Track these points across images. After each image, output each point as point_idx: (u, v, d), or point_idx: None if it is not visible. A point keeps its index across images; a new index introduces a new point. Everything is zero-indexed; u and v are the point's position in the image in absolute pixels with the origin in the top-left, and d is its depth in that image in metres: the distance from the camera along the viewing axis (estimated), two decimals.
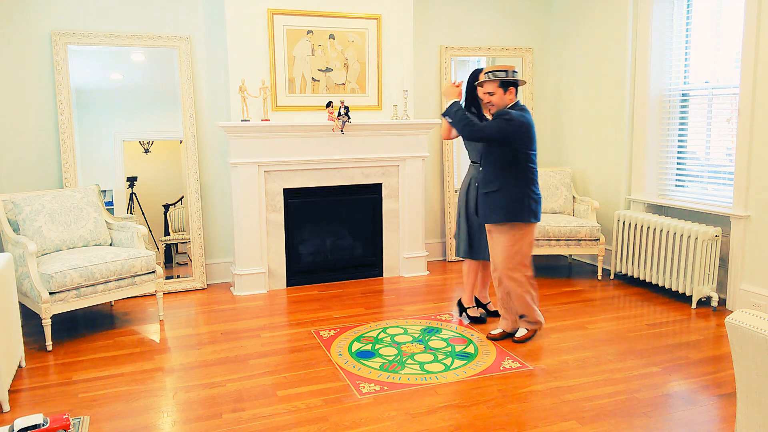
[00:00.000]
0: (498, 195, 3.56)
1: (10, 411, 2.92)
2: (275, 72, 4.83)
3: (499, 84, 3.51)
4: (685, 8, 4.75)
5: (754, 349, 1.79)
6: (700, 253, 4.28)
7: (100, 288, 3.89)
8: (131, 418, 2.87)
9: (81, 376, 3.32)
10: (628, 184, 5.20)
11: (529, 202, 3.55)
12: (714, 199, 4.55)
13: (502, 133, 3.45)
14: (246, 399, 3.04)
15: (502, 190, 3.55)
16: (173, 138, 4.98)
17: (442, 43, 5.66)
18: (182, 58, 4.76)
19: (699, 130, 4.72)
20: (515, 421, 2.79)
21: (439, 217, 5.84)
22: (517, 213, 3.54)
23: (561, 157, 5.97)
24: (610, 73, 5.26)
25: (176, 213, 5.05)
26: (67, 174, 4.52)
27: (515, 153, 3.50)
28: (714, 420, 2.81)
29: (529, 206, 3.55)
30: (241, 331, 4.01)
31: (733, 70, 4.38)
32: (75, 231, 4.17)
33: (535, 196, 3.58)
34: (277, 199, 4.89)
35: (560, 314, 4.26)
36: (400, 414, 2.86)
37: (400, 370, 3.35)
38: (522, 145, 3.50)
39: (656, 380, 3.21)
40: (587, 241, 5.03)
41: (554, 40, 5.93)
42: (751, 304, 4.12)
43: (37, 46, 4.45)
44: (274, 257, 4.94)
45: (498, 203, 3.56)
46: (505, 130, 3.45)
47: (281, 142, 4.80)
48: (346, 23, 4.98)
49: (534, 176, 3.59)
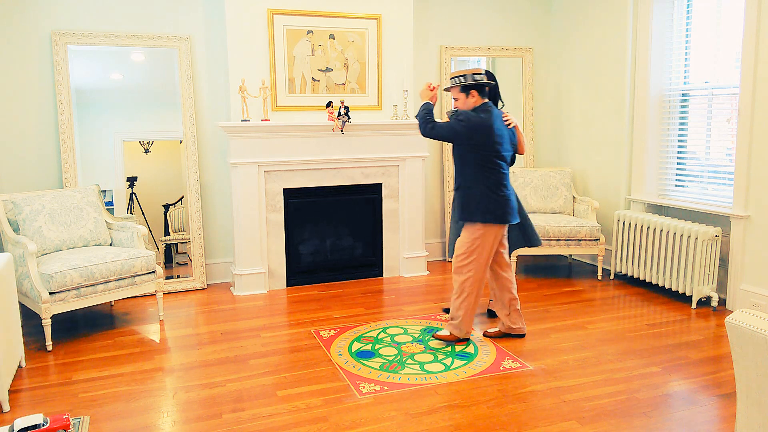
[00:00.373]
0: (457, 193, 3.61)
1: (10, 411, 2.92)
2: (275, 72, 4.83)
3: (461, 89, 3.54)
4: (685, 8, 4.75)
5: (754, 349, 1.79)
6: (700, 253, 4.28)
7: (100, 288, 3.89)
8: (131, 418, 2.87)
9: (81, 376, 3.32)
10: (628, 184, 5.20)
11: (487, 203, 3.48)
12: (714, 199, 4.55)
13: (452, 132, 3.48)
14: (246, 399, 3.04)
15: (460, 189, 3.57)
16: (173, 138, 4.98)
17: (442, 43, 5.66)
18: (182, 58, 4.76)
19: (699, 130, 4.72)
20: (515, 421, 2.79)
21: (439, 217, 5.84)
22: (470, 212, 3.52)
23: (561, 157, 5.97)
24: (610, 73, 5.26)
25: (176, 213, 5.05)
26: (67, 174, 4.52)
27: (475, 153, 3.47)
28: (714, 420, 2.81)
29: (486, 207, 3.48)
30: (241, 331, 4.01)
31: (733, 70, 4.38)
32: (75, 231, 4.17)
33: (496, 197, 3.49)
34: (277, 199, 4.89)
35: (560, 314, 4.26)
36: (400, 414, 2.86)
37: (400, 370, 3.35)
38: (481, 146, 3.45)
39: (656, 380, 3.21)
40: (587, 241, 5.03)
41: (554, 40, 5.93)
42: (751, 304, 4.12)
43: (37, 46, 4.45)
44: (274, 257, 4.94)
45: (457, 201, 3.60)
46: (454, 129, 3.47)
47: (281, 142, 4.80)
48: (346, 23, 4.98)
49: (498, 177, 3.50)
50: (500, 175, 3.52)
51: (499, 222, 3.53)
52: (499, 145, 3.48)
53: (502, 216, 3.52)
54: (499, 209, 3.51)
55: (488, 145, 3.45)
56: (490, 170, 3.49)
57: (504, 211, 3.52)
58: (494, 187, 3.50)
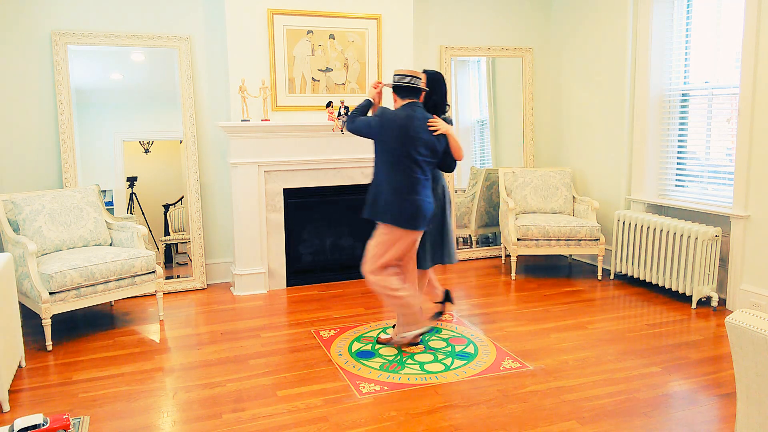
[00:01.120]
0: (369, 189, 3.51)
1: (10, 411, 2.92)
2: (275, 72, 4.83)
3: (392, 90, 3.51)
4: (685, 8, 4.74)
5: (754, 349, 1.79)
6: (700, 253, 4.28)
7: (100, 288, 3.89)
8: (131, 418, 2.87)
9: (81, 376, 3.32)
10: (628, 184, 5.20)
11: (393, 205, 3.35)
12: (714, 199, 4.55)
13: (367, 126, 3.45)
14: (246, 399, 3.04)
15: (371, 186, 3.49)
16: (173, 138, 4.98)
17: (442, 43, 5.66)
18: (182, 58, 4.76)
19: (699, 130, 4.72)
20: (515, 421, 2.79)
21: None
22: (377, 212, 3.43)
23: (561, 157, 5.97)
24: (610, 73, 5.26)
25: (176, 213, 5.05)
26: (67, 174, 4.52)
27: (387, 152, 3.39)
28: (714, 420, 2.81)
29: (392, 209, 3.36)
30: (241, 331, 4.01)
31: (733, 70, 4.38)
32: (75, 231, 4.17)
33: (401, 200, 3.35)
34: (277, 199, 4.89)
35: (560, 314, 4.26)
36: (400, 414, 2.86)
37: (400, 370, 3.35)
38: (392, 145, 3.36)
39: (656, 380, 3.21)
40: (587, 241, 5.03)
41: (554, 40, 5.93)
42: (751, 304, 4.12)
43: (37, 46, 4.45)
44: (274, 257, 4.94)
45: (367, 197, 3.50)
46: (369, 124, 3.44)
47: (281, 142, 4.80)
48: (346, 23, 4.98)
49: (409, 181, 3.35)
50: (412, 179, 3.35)
51: (402, 226, 3.37)
52: (410, 147, 3.32)
53: (407, 221, 3.36)
54: (405, 213, 3.35)
55: (398, 146, 3.34)
56: (400, 172, 3.36)
57: (410, 216, 3.35)
58: (402, 190, 3.34)
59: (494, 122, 6.01)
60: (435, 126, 3.41)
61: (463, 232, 5.92)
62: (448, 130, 3.47)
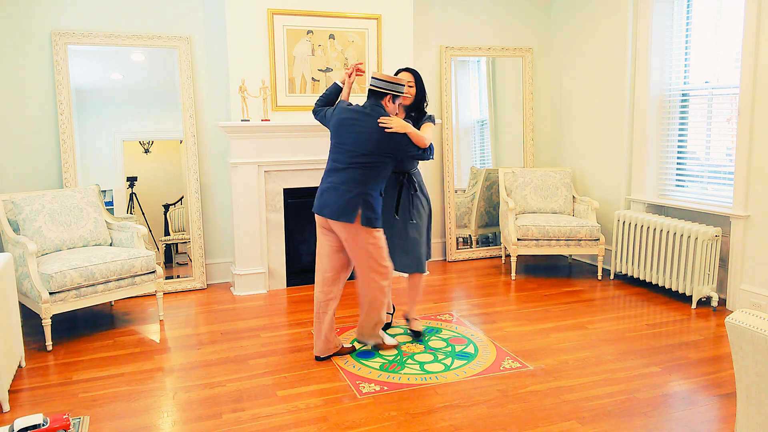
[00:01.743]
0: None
1: (10, 411, 2.92)
2: (275, 72, 4.83)
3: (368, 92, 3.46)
4: (685, 8, 4.75)
5: (754, 349, 1.79)
6: (700, 253, 4.28)
7: (100, 288, 3.89)
8: (131, 418, 2.87)
9: (81, 376, 3.32)
10: (628, 184, 5.20)
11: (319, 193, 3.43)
12: (714, 199, 4.55)
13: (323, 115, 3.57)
14: (246, 399, 3.04)
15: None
16: (173, 138, 4.98)
17: (442, 43, 5.66)
18: (182, 58, 4.76)
19: (699, 130, 4.72)
20: (515, 421, 2.79)
21: (439, 217, 5.84)
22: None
23: (561, 157, 5.97)
24: (610, 73, 5.26)
25: (176, 213, 5.05)
26: (67, 174, 4.52)
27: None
28: (714, 420, 2.81)
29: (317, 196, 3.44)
30: (241, 331, 4.01)
31: (733, 70, 4.38)
32: (75, 231, 4.17)
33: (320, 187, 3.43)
34: (277, 199, 4.89)
35: (560, 314, 4.26)
36: (400, 414, 2.86)
37: (400, 370, 3.35)
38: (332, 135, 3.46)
39: (656, 380, 3.21)
40: (587, 241, 5.03)
41: (554, 40, 5.93)
42: (751, 304, 4.12)
43: (37, 46, 4.45)
44: (274, 257, 4.94)
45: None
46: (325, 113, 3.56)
47: (281, 142, 4.80)
48: (346, 23, 4.98)
49: (329, 167, 3.39)
50: (331, 166, 3.39)
51: (318, 213, 3.41)
52: (335, 137, 3.39)
53: (318, 208, 3.40)
54: (320, 200, 3.39)
55: (333, 136, 3.42)
56: (330, 159, 3.43)
57: (318, 201, 3.41)
58: (324, 176, 3.43)
59: (494, 122, 6.01)
60: (384, 123, 3.28)
61: (463, 232, 5.92)
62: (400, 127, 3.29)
